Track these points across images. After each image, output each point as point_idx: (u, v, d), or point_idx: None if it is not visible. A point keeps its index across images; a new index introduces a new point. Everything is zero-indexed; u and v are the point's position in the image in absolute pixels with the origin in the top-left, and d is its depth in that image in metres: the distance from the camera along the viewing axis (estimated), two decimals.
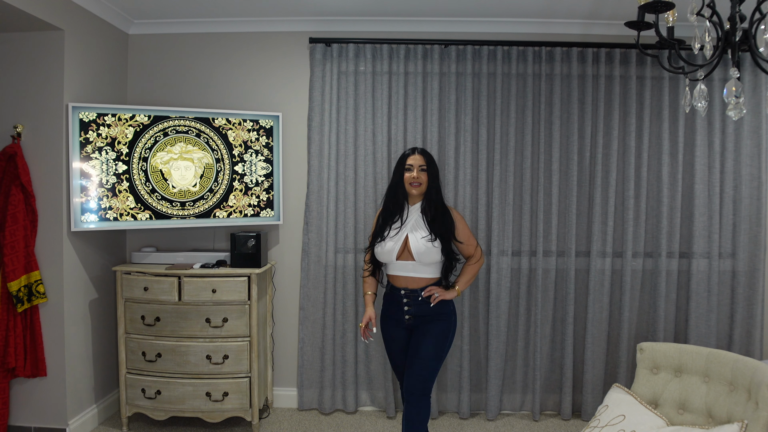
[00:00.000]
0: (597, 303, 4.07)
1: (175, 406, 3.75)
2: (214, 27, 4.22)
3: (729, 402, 2.62)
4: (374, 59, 4.10)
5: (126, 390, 3.78)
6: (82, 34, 3.69)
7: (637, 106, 4.05)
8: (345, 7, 3.96)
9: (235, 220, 3.99)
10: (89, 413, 3.83)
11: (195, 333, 3.73)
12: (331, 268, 4.14)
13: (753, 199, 4.03)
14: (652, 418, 2.72)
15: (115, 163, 3.69)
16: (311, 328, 4.18)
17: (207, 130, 3.90)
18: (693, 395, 2.77)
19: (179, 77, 4.27)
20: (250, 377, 3.78)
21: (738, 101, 1.84)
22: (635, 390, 2.95)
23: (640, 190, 4.04)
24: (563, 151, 4.09)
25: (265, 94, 4.25)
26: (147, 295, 3.71)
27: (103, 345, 4.02)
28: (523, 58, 4.06)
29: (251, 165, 4.02)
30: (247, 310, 3.75)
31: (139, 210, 3.77)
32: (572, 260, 4.07)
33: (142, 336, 3.76)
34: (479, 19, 4.10)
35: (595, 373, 4.09)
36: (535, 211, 4.11)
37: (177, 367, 3.73)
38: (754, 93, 4.01)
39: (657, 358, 2.94)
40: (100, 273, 3.97)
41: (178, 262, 3.95)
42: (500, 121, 4.06)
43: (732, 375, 2.66)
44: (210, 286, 3.70)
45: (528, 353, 4.17)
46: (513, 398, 4.21)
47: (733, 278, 4.08)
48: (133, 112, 3.74)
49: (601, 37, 4.12)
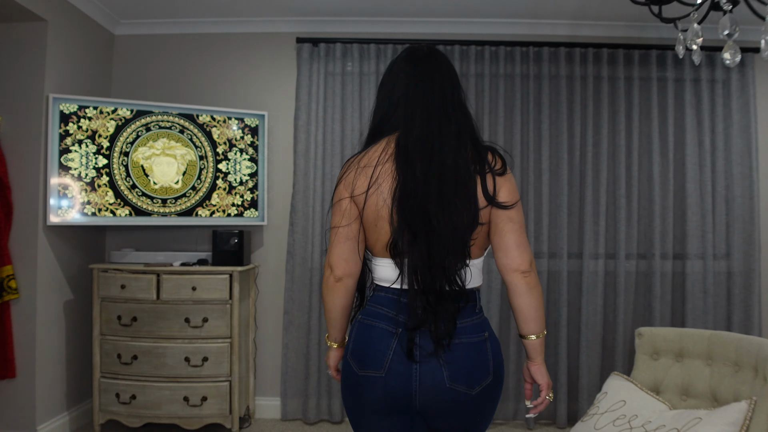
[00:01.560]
0: (591, 305, 3.96)
1: (150, 411, 3.55)
2: (202, 28, 4.20)
3: (734, 382, 2.50)
4: (361, 59, 4.07)
5: (99, 395, 3.58)
6: (66, 28, 3.64)
7: (625, 106, 4.03)
8: (332, 7, 3.96)
9: (218, 219, 3.88)
10: (60, 420, 3.61)
11: (173, 333, 3.56)
12: (317, 270, 4.01)
13: (745, 198, 3.98)
14: (654, 403, 2.59)
15: (95, 157, 3.59)
16: (296, 334, 4.01)
17: (191, 127, 3.82)
18: (696, 379, 2.65)
19: (165, 77, 4.21)
20: (230, 381, 3.60)
21: (732, 42, 1.78)
22: (635, 377, 2.82)
23: (632, 189, 3.99)
24: (553, 149, 4.04)
25: (251, 94, 4.19)
26: (124, 294, 3.55)
27: (78, 350, 3.82)
28: (511, 58, 4.05)
29: (236, 163, 3.93)
30: (228, 310, 3.60)
31: (119, 206, 3.65)
32: (564, 262, 3.97)
33: (118, 337, 3.58)
34: (466, 19, 4.11)
35: (590, 378, 3.94)
36: (525, 212, 4.03)
37: (153, 370, 3.55)
38: (742, 92, 4.02)
39: (657, 343, 2.83)
40: (77, 273, 3.81)
41: (158, 261, 3.81)
42: (488, 121, 4.02)
43: (736, 354, 2.55)
44: (190, 284, 3.55)
45: (520, 359, 4.02)
46: (506, 407, 4.03)
47: (728, 279, 4.00)
48: (116, 106, 3.65)
49: (588, 37, 4.13)
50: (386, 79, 1.65)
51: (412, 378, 1.48)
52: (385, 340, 1.52)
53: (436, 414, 1.52)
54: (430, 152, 1.48)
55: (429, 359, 1.48)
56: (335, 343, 1.75)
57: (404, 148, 1.51)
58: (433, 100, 1.55)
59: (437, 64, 1.61)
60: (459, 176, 1.47)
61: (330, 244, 1.63)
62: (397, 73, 1.62)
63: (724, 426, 2.25)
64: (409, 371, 1.48)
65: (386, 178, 1.52)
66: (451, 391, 1.48)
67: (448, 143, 1.49)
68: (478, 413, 1.53)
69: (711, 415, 2.31)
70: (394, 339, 1.50)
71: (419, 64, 1.60)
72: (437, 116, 1.52)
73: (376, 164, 1.53)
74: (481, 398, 1.51)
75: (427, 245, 1.46)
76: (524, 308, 1.55)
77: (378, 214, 1.54)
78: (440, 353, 1.47)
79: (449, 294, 1.48)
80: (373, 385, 1.51)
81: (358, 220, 1.59)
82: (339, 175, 1.64)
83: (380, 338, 1.52)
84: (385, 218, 1.52)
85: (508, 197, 1.52)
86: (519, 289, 1.53)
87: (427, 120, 1.52)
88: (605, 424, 2.56)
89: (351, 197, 1.57)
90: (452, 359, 1.48)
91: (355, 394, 1.57)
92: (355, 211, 1.58)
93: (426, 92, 1.55)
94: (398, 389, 1.49)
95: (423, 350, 1.48)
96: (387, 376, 1.49)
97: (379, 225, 1.55)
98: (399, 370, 1.49)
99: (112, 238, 4.19)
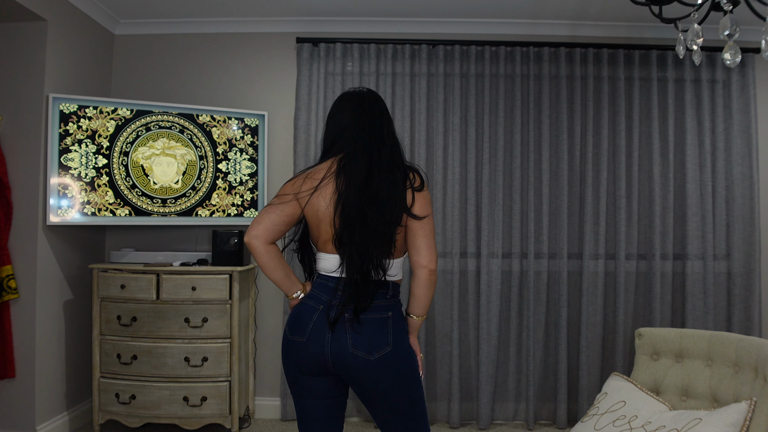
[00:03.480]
0: (591, 306, 3.96)
1: (150, 411, 3.54)
2: (202, 28, 4.19)
3: (735, 383, 2.49)
4: (361, 59, 4.07)
5: (99, 395, 3.58)
6: (67, 27, 3.63)
7: (626, 106, 4.03)
8: (332, 7, 3.96)
9: (217, 219, 3.87)
10: (60, 420, 3.60)
11: (173, 333, 3.56)
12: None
13: (746, 199, 3.98)
14: (654, 404, 2.58)
15: (95, 157, 3.59)
16: None
17: (191, 127, 3.82)
18: (696, 380, 2.65)
19: (165, 77, 4.21)
20: (230, 381, 3.60)
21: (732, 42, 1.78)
22: (635, 377, 2.82)
23: (632, 189, 3.98)
24: (553, 150, 4.04)
25: (251, 94, 4.19)
26: (124, 294, 3.55)
27: (78, 350, 3.82)
28: (511, 58, 4.05)
29: (235, 163, 3.93)
30: (228, 310, 3.60)
31: (119, 205, 3.65)
32: (564, 262, 3.97)
33: (118, 337, 3.58)
34: (466, 19, 4.10)
35: (590, 379, 3.94)
36: (525, 212, 4.03)
37: (153, 370, 3.55)
38: (742, 93, 4.01)
39: (657, 343, 2.82)
40: (77, 273, 3.81)
41: (158, 261, 3.81)
42: (489, 121, 4.02)
43: (737, 355, 2.54)
44: (190, 284, 3.55)
45: (521, 359, 4.02)
46: (506, 407, 4.03)
47: (728, 279, 3.99)
48: (116, 106, 3.65)
49: (588, 38, 4.13)
50: (333, 112, 2.03)
51: (325, 343, 1.85)
52: (309, 314, 1.89)
53: (347, 376, 1.89)
54: (369, 168, 1.87)
55: (340, 330, 1.85)
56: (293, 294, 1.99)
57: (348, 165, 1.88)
58: (372, 130, 1.94)
59: (374, 102, 2.02)
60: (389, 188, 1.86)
61: (256, 219, 1.90)
62: (344, 107, 2.00)
63: (724, 427, 2.24)
64: (324, 338, 1.86)
65: (328, 187, 1.88)
66: (353, 356, 1.84)
67: (383, 163, 1.89)
68: (380, 379, 1.86)
69: (711, 416, 2.30)
70: (315, 313, 1.88)
71: (361, 101, 2.00)
72: (376, 142, 1.92)
73: (322, 177, 1.90)
74: (380, 364, 1.85)
75: (361, 239, 1.83)
76: (420, 296, 1.97)
77: (318, 217, 1.90)
78: (353, 326, 1.85)
79: (371, 281, 1.87)
80: (298, 348, 1.90)
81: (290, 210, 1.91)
82: (286, 181, 1.98)
83: (307, 313, 1.90)
84: (326, 221, 1.88)
85: (421, 211, 1.91)
86: (422, 281, 1.94)
87: (368, 144, 1.91)
88: (605, 425, 2.56)
89: (294, 195, 1.91)
90: (359, 330, 1.85)
91: (286, 355, 1.95)
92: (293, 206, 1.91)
93: (366, 123, 1.95)
94: (315, 352, 1.87)
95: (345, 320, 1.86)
96: (307, 341, 1.87)
97: (321, 227, 1.91)
98: (315, 336, 1.86)
99: (111, 238, 4.19)
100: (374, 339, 1.85)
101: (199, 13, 4.07)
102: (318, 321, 1.87)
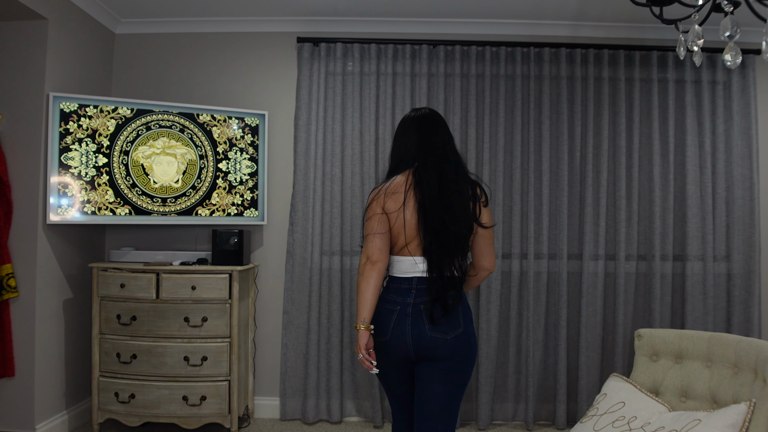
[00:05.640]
0: (590, 306, 3.96)
1: (149, 410, 3.54)
2: (202, 27, 4.19)
3: (734, 384, 2.50)
4: (362, 59, 4.07)
5: (98, 394, 3.58)
6: (67, 26, 3.63)
7: (626, 107, 4.03)
8: (333, 6, 3.96)
9: (217, 218, 3.87)
10: (59, 419, 3.61)
11: (173, 333, 3.56)
12: (317, 270, 4.01)
13: (746, 200, 3.98)
14: (653, 405, 2.58)
15: (95, 156, 3.59)
16: (295, 333, 4.01)
17: (191, 126, 3.82)
18: (695, 381, 2.65)
19: (166, 76, 4.21)
20: (229, 380, 3.60)
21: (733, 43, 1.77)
22: (634, 378, 2.82)
23: (632, 190, 3.98)
24: (553, 150, 4.04)
25: (252, 94, 4.19)
26: (123, 293, 3.55)
27: (77, 349, 3.82)
28: (512, 59, 4.05)
29: (236, 163, 3.93)
30: (227, 310, 3.59)
31: (119, 204, 3.65)
32: (564, 263, 3.97)
33: (117, 336, 3.58)
34: (467, 19, 4.10)
35: (590, 379, 3.94)
36: (525, 212, 4.02)
37: (153, 369, 3.54)
38: (743, 94, 4.01)
39: (656, 344, 2.82)
40: (77, 272, 3.81)
41: (158, 260, 3.81)
42: (489, 121, 4.02)
43: (736, 356, 2.55)
44: (189, 283, 3.55)
45: (520, 359, 4.02)
46: (505, 407, 4.03)
47: (728, 281, 3.99)
48: (116, 105, 3.65)
49: (589, 38, 4.13)
50: (400, 131, 2.32)
51: (406, 335, 2.13)
52: (388, 315, 2.17)
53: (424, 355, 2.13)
54: (439, 181, 2.15)
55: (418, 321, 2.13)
56: (363, 324, 2.16)
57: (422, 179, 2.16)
58: (436, 147, 2.22)
59: (437, 120, 2.29)
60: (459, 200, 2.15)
61: (366, 242, 2.19)
62: (409, 127, 2.28)
63: (724, 428, 2.24)
64: (404, 332, 2.14)
65: (410, 200, 2.16)
66: (431, 338, 2.12)
67: (450, 176, 2.17)
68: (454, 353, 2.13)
69: (710, 417, 2.30)
70: (393, 314, 2.16)
71: (424, 121, 2.27)
72: (442, 158, 2.20)
73: (403, 191, 2.17)
74: (456, 342, 2.13)
75: (444, 242, 2.11)
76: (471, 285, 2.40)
77: (404, 225, 2.16)
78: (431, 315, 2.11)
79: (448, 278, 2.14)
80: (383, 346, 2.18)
81: (388, 227, 2.20)
82: (370, 198, 2.26)
83: (386, 314, 2.18)
84: (410, 228, 2.15)
85: (487, 221, 2.23)
86: (480, 279, 2.36)
87: (436, 161, 2.18)
88: (604, 426, 2.56)
89: (384, 212, 2.18)
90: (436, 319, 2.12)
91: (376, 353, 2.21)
92: (386, 222, 2.19)
93: (432, 141, 2.23)
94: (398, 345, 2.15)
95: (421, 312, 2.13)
96: (390, 339, 2.16)
97: (403, 233, 2.17)
98: (396, 332, 2.15)
99: (111, 237, 4.19)
100: (449, 323, 2.13)
101: (200, 13, 4.07)
102: (397, 320, 2.15)
